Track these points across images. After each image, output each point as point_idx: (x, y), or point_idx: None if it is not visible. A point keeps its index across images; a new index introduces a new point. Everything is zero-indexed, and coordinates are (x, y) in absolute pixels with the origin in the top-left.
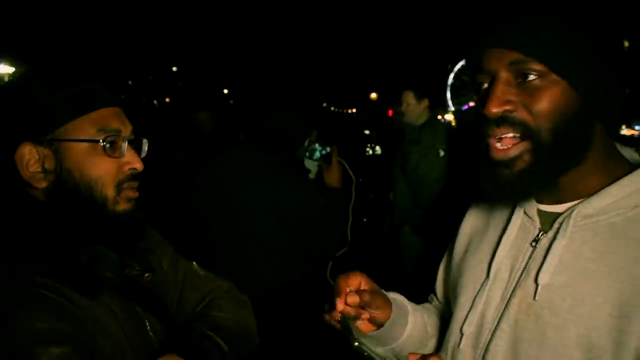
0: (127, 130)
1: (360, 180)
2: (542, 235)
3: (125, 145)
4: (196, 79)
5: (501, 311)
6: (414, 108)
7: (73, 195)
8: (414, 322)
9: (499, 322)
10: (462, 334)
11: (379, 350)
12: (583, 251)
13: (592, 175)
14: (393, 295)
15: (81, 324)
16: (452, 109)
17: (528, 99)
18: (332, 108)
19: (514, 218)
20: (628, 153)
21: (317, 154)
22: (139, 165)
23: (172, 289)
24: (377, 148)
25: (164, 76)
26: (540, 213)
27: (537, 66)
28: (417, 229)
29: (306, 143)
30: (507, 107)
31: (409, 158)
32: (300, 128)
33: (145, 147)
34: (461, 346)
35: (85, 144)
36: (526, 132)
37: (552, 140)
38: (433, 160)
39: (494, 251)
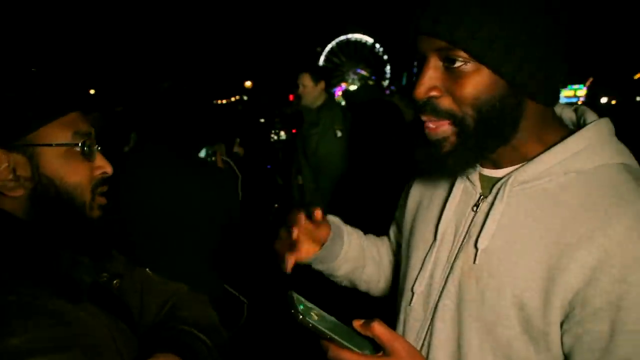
0: (92, 133)
1: (269, 166)
2: (482, 199)
3: (96, 148)
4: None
5: (447, 272)
6: (310, 90)
7: (54, 202)
8: (349, 242)
9: (445, 283)
10: (413, 293)
11: (324, 321)
12: (518, 216)
13: (527, 143)
14: (330, 217)
15: (75, 327)
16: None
17: (453, 85)
18: (216, 101)
19: (457, 182)
20: (567, 114)
21: (203, 154)
22: (109, 169)
23: (132, 296)
24: (282, 133)
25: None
26: (482, 177)
27: (462, 53)
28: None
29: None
30: (433, 93)
31: (309, 141)
32: (203, 123)
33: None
34: (412, 304)
35: (62, 149)
36: (450, 119)
37: (475, 125)
38: (331, 141)
39: (440, 214)
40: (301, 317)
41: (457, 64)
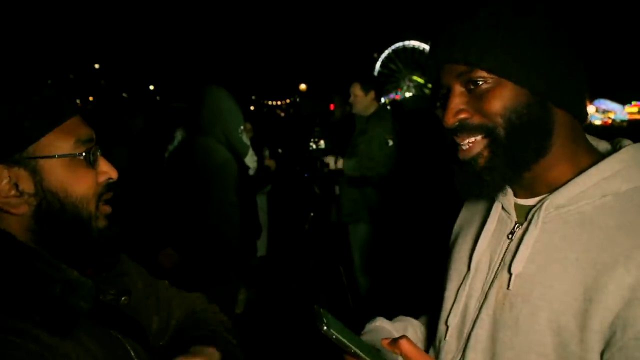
0: (94, 137)
1: (306, 175)
2: (517, 227)
3: (99, 154)
4: (121, 79)
5: (481, 302)
6: (361, 99)
7: (59, 217)
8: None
9: (479, 312)
10: (447, 326)
11: (349, 336)
12: (553, 240)
13: (559, 165)
14: (382, 330)
15: None
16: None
17: (480, 104)
18: (266, 101)
19: (492, 212)
20: (603, 146)
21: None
22: (114, 174)
23: (159, 309)
24: (322, 142)
25: (86, 75)
26: (517, 207)
27: (482, 73)
28: (365, 220)
29: (240, 132)
30: (462, 116)
31: (357, 149)
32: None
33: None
34: (447, 338)
35: (65, 159)
36: (484, 131)
37: (507, 135)
38: (378, 150)
39: (475, 245)
40: (325, 328)
41: (479, 84)
